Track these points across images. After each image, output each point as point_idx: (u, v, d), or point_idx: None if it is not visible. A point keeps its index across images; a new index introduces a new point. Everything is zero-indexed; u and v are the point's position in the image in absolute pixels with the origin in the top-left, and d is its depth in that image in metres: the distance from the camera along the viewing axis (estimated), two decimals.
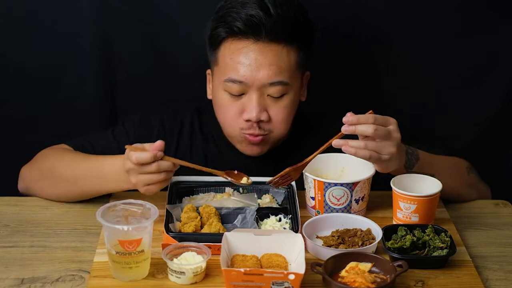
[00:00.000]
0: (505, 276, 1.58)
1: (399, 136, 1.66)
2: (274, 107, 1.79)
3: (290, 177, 1.73)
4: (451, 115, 2.26)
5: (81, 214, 1.78)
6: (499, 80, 2.23)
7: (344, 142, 1.62)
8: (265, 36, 1.74)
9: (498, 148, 2.31)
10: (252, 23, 1.73)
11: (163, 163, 1.60)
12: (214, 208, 1.68)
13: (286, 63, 1.77)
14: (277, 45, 1.76)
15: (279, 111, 1.80)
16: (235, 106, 1.80)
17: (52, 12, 2.13)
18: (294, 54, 1.78)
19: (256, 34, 1.74)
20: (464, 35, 2.18)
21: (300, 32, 1.79)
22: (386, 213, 1.77)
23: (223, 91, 1.80)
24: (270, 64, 1.75)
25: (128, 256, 1.47)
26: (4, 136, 2.24)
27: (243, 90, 1.78)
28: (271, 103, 1.79)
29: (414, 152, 1.78)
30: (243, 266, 1.49)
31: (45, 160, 1.87)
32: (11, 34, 2.15)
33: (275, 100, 1.79)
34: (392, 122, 1.66)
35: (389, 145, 1.64)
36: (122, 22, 2.15)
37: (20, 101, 2.21)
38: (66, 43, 2.15)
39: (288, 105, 1.81)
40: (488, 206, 1.90)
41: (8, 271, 1.55)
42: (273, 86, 1.77)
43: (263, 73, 1.75)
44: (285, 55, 1.77)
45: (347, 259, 1.51)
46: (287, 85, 1.78)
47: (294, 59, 1.79)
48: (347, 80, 2.23)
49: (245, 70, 1.75)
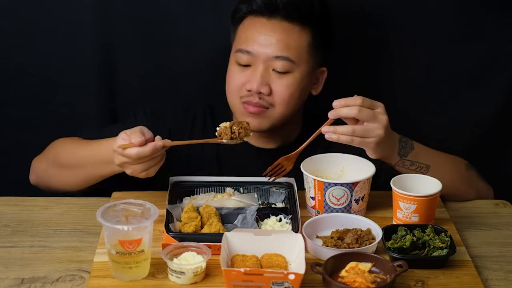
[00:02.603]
0: (505, 276, 1.58)
1: (385, 118, 1.68)
2: (277, 83, 1.82)
3: (284, 168, 1.75)
4: (451, 115, 2.26)
5: (81, 214, 1.78)
6: (499, 80, 2.23)
7: (332, 129, 1.66)
8: (279, 15, 1.81)
9: (498, 148, 2.31)
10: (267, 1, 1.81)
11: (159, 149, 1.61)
12: (214, 208, 1.68)
13: (295, 41, 1.82)
14: (289, 24, 1.82)
15: (281, 88, 1.82)
16: (241, 77, 1.84)
17: (52, 12, 2.13)
18: (306, 36, 1.83)
19: (270, 12, 1.81)
20: (464, 35, 2.18)
21: (314, 16, 1.83)
22: (386, 213, 1.77)
23: (233, 63, 1.86)
24: (279, 39, 1.81)
25: (128, 256, 1.47)
26: (4, 136, 2.24)
27: (251, 61, 1.82)
28: (275, 78, 1.82)
29: (408, 141, 1.80)
30: (243, 266, 1.49)
31: (52, 150, 1.91)
32: (11, 34, 2.15)
33: (279, 76, 1.82)
34: (379, 105, 1.69)
35: (376, 128, 1.66)
36: (122, 22, 2.15)
37: (20, 101, 2.21)
38: (66, 43, 2.15)
39: (292, 85, 1.83)
40: (488, 206, 1.90)
41: (8, 271, 1.55)
42: (278, 60, 1.81)
43: (271, 46, 1.81)
44: (296, 35, 1.82)
45: (347, 259, 1.51)
46: (292, 63, 1.81)
47: (305, 40, 1.83)
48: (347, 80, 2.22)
49: (254, 43, 1.82)
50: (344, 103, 1.66)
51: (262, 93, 1.81)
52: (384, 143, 1.69)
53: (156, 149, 1.61)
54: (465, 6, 2.16)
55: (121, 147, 1.61)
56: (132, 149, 1.60)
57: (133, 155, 1.60)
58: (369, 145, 1.68)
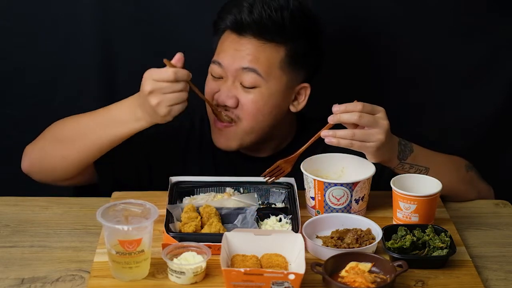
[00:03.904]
0: (505, 276, 1.58)
1: (386, 123, 1.67)
2: (243, 96, 1.81)
3: (282, 170, 1.75)
4: (451, 115, 2.26)
5: (81, 214, 1.78)
6: (499, 80, 2.23)
7: (332, 133, 1.65)
8: (247, 33, 1.80)
9: (498, 148, 2.31)
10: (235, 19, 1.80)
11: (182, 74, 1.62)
12: (214, 208, 1.68)
13: (266, 57, 1.80)
14: (259, 41, 1.80)
15: (247, 103, 1.81)
16: (212, 86, 1.84)
17: (52, 12, 2.13)
18: (278, 53, 1.80)
19: (239, 31, 1.81)
20: (464, 35, 2.18)
21: (285, 34, 1.80)
22: (386, 213, 1.77)
23: (209, 74, 1.87)
24: (248, 53, 1.80)
25: (128, 256, 1.47)
26: (4, 136, 2.24)
27: (222, 74, 1.82)
28: (242, 92, 1.81)
29: (408, 144, 1.79)
30: (243, 266, 1.49)
31: (50, 129, 1.87)
32: (11, 34, 2.15)
33: (246, 90, 1.81)
34: (380, 110, 1.68)
35: (377, 133, 1.66)
36: (122, 22, 2.15)
37: (20, 101, 2.21)
38: (66, 43, 2.15)
39: (258, 100, 1.81)
40: (488, 206, 1.90)
41: (8, 271, 1.55)
42: (245, 73, 1.79)
43: (240, 59, 1.80)
44: (267, 51, 1.80)
45: (347, 259, 1.51)
46: (260, 76, 1.79)
47: (277, 57, 1.81)
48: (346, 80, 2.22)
49: (226, 55, 1.82)
50: (344, 109, 1.64)
51: (229, 106, 1.81)
52: (384, 148, 1.68)
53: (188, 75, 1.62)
54: (465, 6, 2.16)
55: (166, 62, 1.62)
56: (169, 69, 1.61)
57: (170, 75, 1.60)
58: (369, 149, 1.67)
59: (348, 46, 2.19)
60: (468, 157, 1.98)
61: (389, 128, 1.68)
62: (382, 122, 1.67)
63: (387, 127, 1.67)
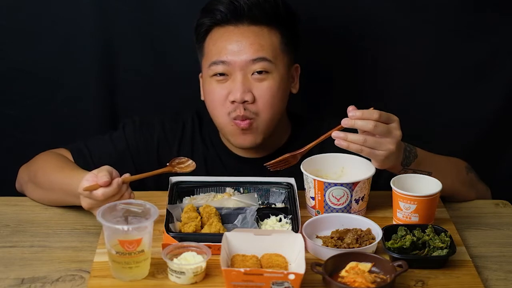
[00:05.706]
0: (505, 276, 1.58)
1: (399, 134, 1.66)
2: (258, 88, 1.81)
3: (288, 162, 1.75)
4: (451, 115, 2.26)
5: (81, 214, 1.78)
6: (499, 80, 2.23)
7: (343, 136, 1.63)
8: (245, 20, 1.80)
9: (498, 148, 2.31)
10: (231, 6, 1.80)
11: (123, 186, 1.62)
12: (214, 208, 1.68)
13: (268, 42, 1.81)
14: (257, 27, 1.81)
15: (263, 92, 1.81)
16: (222, 91, 1.82)
17: (52, 12, 2.13)
18: (276, 36, 1.83)
19: (236, 19, 1.80)
20: (464, 35, 2.18)
21: (280, 17, 1.83)
22: (386, 213, 1.77)
23: (210, 79, 1.84)
24: (252, 43, 1.80)
25: (128, 256, 1.47)
26: (4, 136, 2.24)
27: (227, 71, 1.81)
28: (255, 83, 1.81)
29: (412, 149, 1.78)
30: (243, 266, 1.49)
31: (34, 164, 1.89)
32: (11, 35, 2.15)
33: (259, 80, 1.81)
34: (395, 119, 1.66)
35: (388, 142, 1.65)
36: (122, 22, 2.15)
37: (20, 101, 2.21)
38: (66, 43, 2.16)
39: (273, 87, 1.82)
40: (488, 206, 1.90)
41: (8, 271, 1.55)
42: (256, 63, 1.80)
43: (246, 52, 1.79)
44: (267, 35, 1.81)
45: (347, 259, 1.51)
46: (270, 62, 1.81)
47: (276, 40, 1.83)
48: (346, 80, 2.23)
49: (228, 53, 1.80)
50: (360, 116, 1.62)
51: (247, 101, 1.80)
52: (392, 156, 1.67)
53: (119, 185, 1.60)
54: (465, 6, 2.16)
55: (86, 189, 1.59)
56: (98, 191, 1.58)
57: (99, 197, 1.58)
58: (378, 157, 1.66)
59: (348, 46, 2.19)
60: (468, 157, 1.98)
61: (401, 139, 1.67)
62: (395, 133, 1.65)
63: (399, 138, 1.66)
